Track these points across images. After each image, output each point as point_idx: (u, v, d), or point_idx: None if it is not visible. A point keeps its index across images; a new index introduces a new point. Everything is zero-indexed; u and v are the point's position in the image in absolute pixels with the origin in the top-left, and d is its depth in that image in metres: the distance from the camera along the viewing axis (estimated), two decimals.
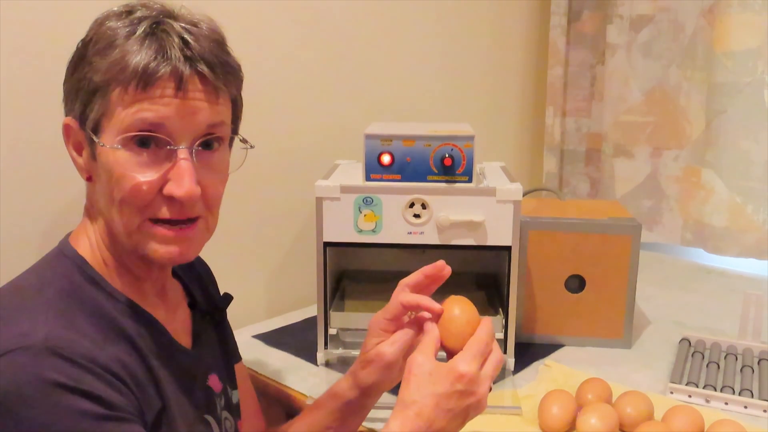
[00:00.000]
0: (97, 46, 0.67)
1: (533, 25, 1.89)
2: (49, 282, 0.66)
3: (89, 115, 0.67)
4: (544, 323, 1.21)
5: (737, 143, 1.55)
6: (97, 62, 0.66)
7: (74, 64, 0.69)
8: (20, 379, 0.57)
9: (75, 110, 0.69)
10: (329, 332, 1.11)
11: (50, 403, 0.57)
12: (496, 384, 1.05)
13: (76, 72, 0.68)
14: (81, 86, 0.67)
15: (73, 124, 0.69)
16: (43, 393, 0.57)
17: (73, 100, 0.69)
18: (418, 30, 1.57)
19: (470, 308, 0.80)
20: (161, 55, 0.65)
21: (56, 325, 0.61)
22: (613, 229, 1.17)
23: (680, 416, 0.91)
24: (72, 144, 0.71)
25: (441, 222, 1.03)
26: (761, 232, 1.55)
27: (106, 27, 0.67)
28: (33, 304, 0.63)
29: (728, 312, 1.33)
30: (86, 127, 0.68)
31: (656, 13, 1.66)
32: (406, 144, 1.03)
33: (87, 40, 0.69)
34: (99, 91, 0.66)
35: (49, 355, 0.58)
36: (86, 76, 0.67)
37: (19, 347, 0.58)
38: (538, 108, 1.94)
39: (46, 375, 0.57)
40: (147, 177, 0.67)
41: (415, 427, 0.68)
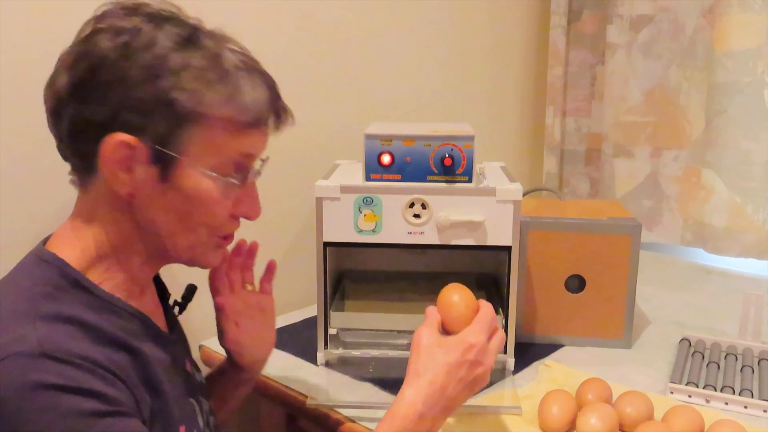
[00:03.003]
0: (200, 70, 0.66)
1: (533, 25, 1.89)
2: (32, 288, 0.65)
3: (172, 140, 0.66)
4: (544, 323, 1.21)
5: (737, 143, 1.55)
6: (206, 94, 0.66)
7: (138, 80, 0.64)
8: (18, 384, 0.57)
9: (147, 129, 0.65)
10: (329, 332, 1.11)
11: (50, 405, 0.57)
12: (496, 384, 1.05)
13: (159, 91, 0.65)
14: (170, 109, 0.65)
15: (135, 143, 0.65)
16: (43, 397, 0.57)
17: (147, 118, 0.65)
18: (418, 30, 1.57)
19: (468, 294, 0.85)
20: (272, 94, 0.71)
21: (48, 329, 0.61)
22: (613, 229, 1.17)
23: (680, 416, 0.91)
24: (119, 160, 0.66)
25: (441, 222, 1.03)
26: (761, 232, 1.55)
27: (205, 48, 0.67)
28: (22, 311, 0.62)
29: (728, 312, 1.33)
30: (167, 149, 0.66)
31: (656, 13, 1.66)
32: (406, 144, 1.03)
33: (173, 48, 0.66)
34: (199, 120, 0.66)
35: (45, 359, 0.58)
36: (182, 101, 0.65)
37: (14, 353, 0.58)
38: (538, 108, 1.94)
39: (44, 379, 0.57)
40: (229, 202, 0.72)
41: (428, 394, 0.72)
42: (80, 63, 0.66)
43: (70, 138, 0.68)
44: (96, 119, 0.65)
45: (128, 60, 0.64)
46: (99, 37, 0.66)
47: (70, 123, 0.67)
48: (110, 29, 0.66)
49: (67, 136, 0.68)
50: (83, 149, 0.67)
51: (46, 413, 0.57)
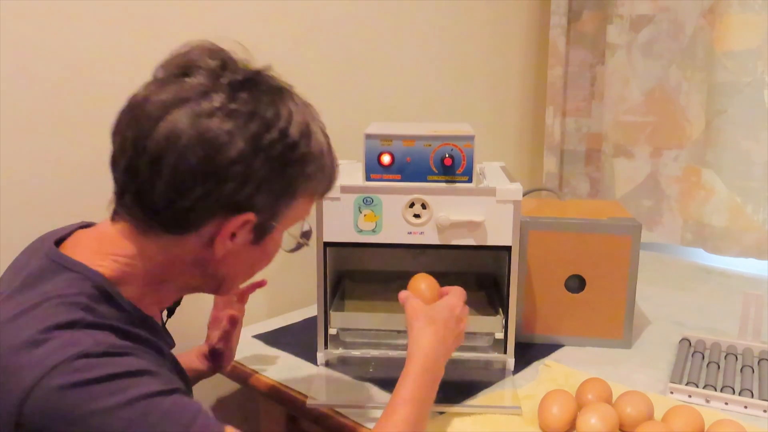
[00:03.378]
0: (314, 160, 0.74)
1: (533, 25, 1.89)
2: (70, 297, 0.66)
3: (277, 210, 0.73)
4: (544, 323, 1.21)
5: (737, 143, 1.55)
6: (316, 176, 0.75)
7: (281, 166, 0.70)
8: (83, 380, 0.59)
9: (268, 210, 0.72)
10: (329, 332, 1.11)
11: (118, 391, 0.60)
12: (495, 384, 1.05)
13: (288, 180, 0.72)
14: (289, 193, 0.73)
15: (253, 219, 0.71)
16: (109, 387, 0.59)
17: (272, 201, 0.72)
18: (418, 30, 1.57)
19: (434, 283, 1.00)
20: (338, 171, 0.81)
21: (95, 332, 0.63)
22: (613, 229, 1.17)
23: (680, 416, 0.91)
24: (230, 232, 0.71)
25: (441, 222, 1.03)
26: (761, 232, 1.55)
27: (316, 136, 0.74)
28: (65, 320, 0.63)
29: (728, 312, 1.33)
30: (274, 219, 0.73)
31: (656, 13, 1.66)
32: (406, 144, 1.03)
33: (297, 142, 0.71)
34: (299, 199, 0.75)
35: (103, 356, 0.61)
36: (298, 186, 0.73)
37: (75, 354, 0.60)
38: (538, 108, 1.94)
39: (107, 371, 0.60)
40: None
41: (436, 341, 0.89)
42: (218, 149, 0.67)
43: (188, 208, 0.68)
44: (231, 200, 0.69)
45: (263, 152, 0.69)
46: (232, 122, 0.67)
47: (199, 197, 0.67)
48: (238, 114, 0.68)
49: (187, 207, 0.68)
50: (196, 219, 0.69)
51: (116, 398, 0.59)
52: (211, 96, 0.67)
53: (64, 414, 0.58)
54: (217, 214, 0.69)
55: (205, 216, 0.69)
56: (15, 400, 0.58)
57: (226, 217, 0.69)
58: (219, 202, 0.68)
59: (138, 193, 0.68)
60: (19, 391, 0.58)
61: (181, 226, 0.70)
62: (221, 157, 0.66)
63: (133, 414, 0.59)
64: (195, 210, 0.68)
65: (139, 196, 0.68)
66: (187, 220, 0.69)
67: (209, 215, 0.69)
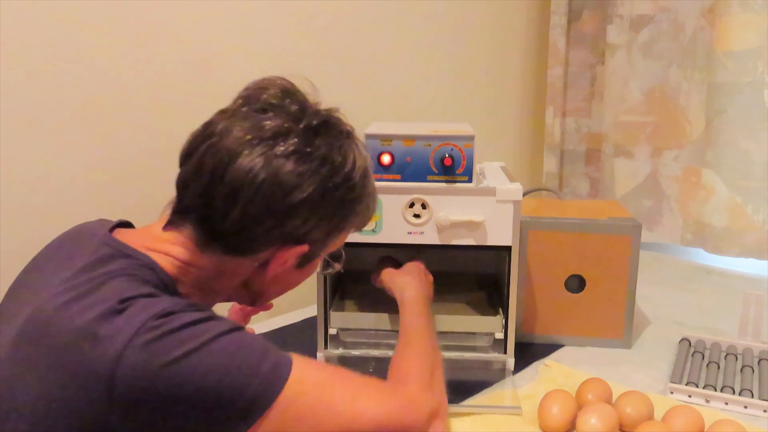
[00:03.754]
0: (366, 201, 0.81)
1: (533, 25, 1.89)
2: (140, 278, 0.71)
3: (327, 242, 0.80)
4: (544, 323, 1.21)
5: (737, 143, 1.55)
6: (364, 214, 0.82)
7: (340, 205, 0.77)
8: (167, 329, 0.64)
9: (320, 243, 0.78)
10: (329, 332, 1.11)
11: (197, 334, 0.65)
12: (496, 384, 1.05)
13: (340, 219, 0.78)
14: (339, 229, 0.79)
15: (307, 250, 0.77)
16: (189, 331, 0.65)
17: (324, 237, 0.78)
18: (418, 30, 1.57)
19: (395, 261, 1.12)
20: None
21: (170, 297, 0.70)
22: (613, 229, 1.17)
23: (680, 416, 0.91)
24: (285, 260, 0.77)
25: (441, 222, 1.03)
26: (761, 232, 1.55)
27: (370, 181, 0.81)
28: (140, 292, 0.68)
29: (728, 312, 1.33)
30: (322, 250, 0.81)
31: (656, 13, 1.67)
32: (406, 144, 1.03)
33: (355, 185, 0.77)
34: (348, 230, 0.82)
35: (182, 311, 0.67)
36: (349, 220, 0.80)
37: (155, 312, 0.65)
38: (538, 108, 1.94)
39: (187, 318, 0.66)
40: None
41: (419, 283, 1.03)
42: (288, 193, 0.72)
43: (253, 236, 0.74)
44: (294, 233, 0.75)
45: (328, 196, 0.75)
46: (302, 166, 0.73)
47: (266, 229, 0.73)
48: (308, 157, 0.73)
49: (253, 235, 0.73)
50: (257, 246, 0.75)
51: (194, 342, 0.64)
52: (289, 139, 0.73)
53: (153, 367, 0.62)
54: (277, 244, 0.75)
55: (266, 244, 0.75)
56: (107, 364, 0.61)
57: (284, 246, 0.76)
58: (282, 235, 0.74)
59: (208, 217, 0.73)
60: (111, 355, 0.62)
61: (241, 250, 0.75)
62: (291, 197, 0.72)
63: (214, 351, 0.65)
64: (258, 239, 0.74)
65: (209, 220, 0.73)
66: (250, 247, 0.75)
67: (270, 244, 0.75)
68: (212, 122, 0.75)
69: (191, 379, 0.63)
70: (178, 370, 0.63)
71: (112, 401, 0.62)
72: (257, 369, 0.66)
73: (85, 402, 0.62)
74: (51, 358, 0.64)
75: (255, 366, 0.66)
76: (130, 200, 1.12)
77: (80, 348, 0.63)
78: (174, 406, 0.63)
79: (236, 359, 0.66)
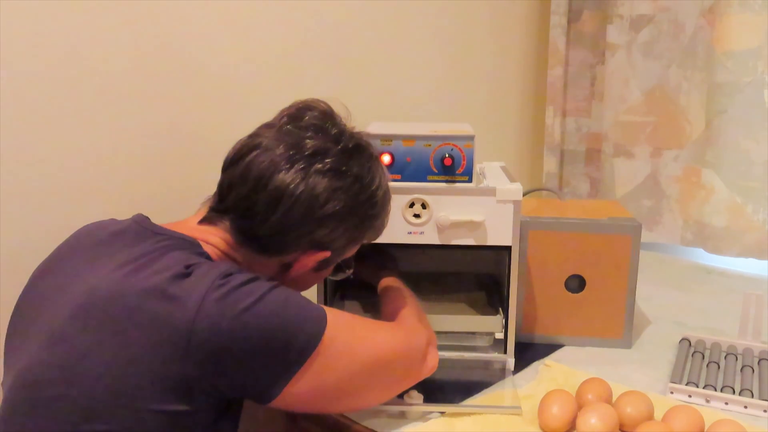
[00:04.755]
0: (384, 215, 0.93)
1: (533, 25, 1.89)
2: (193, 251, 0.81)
3: (346, 250, 0.91)
4: (544, 323, 1.21)
5: (737, 143, 1.55)
6: (379, 229, 0.94)
7: (363, 220, 0.88)
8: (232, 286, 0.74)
9: (340, 247, 0.89)
10: None
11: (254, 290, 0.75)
12: (495, 384, 1.05)
13: (358, 229, 0.89)
14: (358, 240, 0.91)
15: (329, 256, 0.88)
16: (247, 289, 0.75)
17: (344, 245, 0.89)
18: (418, 30, 1.57)
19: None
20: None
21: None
22: (613, 229, 1.17)
23: (680, 416, 0.91)
24: (308, 264, 0.88)
25: (441, 222, 1.03)
26: (761, 232, 1.55)
27: (389, 200, 0.92)
28: (199, 260, 0.78)
29: (728, 312, 1.33)
30: (340, 256, 0.92)
31: (656, 13, 1.66)
32: (406, 144, 1.03)
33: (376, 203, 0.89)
34: (361, 241, 0.92)
35: (238, 271, 0.77)
36: (368, 229, 0.91)
37: (220, 273, 0.75)
38: (538, 108, 1.94)
39: (245, 278, 0.76)
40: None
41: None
42: (319, 200, 0.83)
43: (284, 240, 0.84)
44: (320, 240, 0.85)
45: (355, 212, 0.86)
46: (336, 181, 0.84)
47: (297, 235, 0.84)
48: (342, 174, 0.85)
49: (284, 240, 0.84)
50: (286, 249, 0.85)
51: (254, 296, 0.74)
52: (326, 158, 0.83)
53: (226, 318, 0.71)
54: (304, 249, 0.86)
55: (296, 249, 0.85)
56: (186, 320, 0.70)
57: (310, 251, 0.86)
58: (310, 242, 0.85)
59: (248, 219, 0.83)
60: (188, 313, 0.70)
61: (273, 251, 0.85)
62: (325, 209, 0.83)
63: (271, 301, 0.75)
64: (290, 243, 0.84)
65: (249, 222, 0.83)
66: (280, 249, 0.85)
67: (298, 249, 0.85)
68: (258, 134, 0.85)
69: (256, 328, 0.72)
70: (245, 321, 0.72)
71: (188, 353, 0.69)
72: (306, 315, 0.77)
73: (162, 357, 0.69)
74: (123, 320, 0.70)
75: (304, 313, 0.77)
76: (129, 199, 1.12)
77: (156, 307, 0.71)
78: (242, 353, 0.72)
79: (289, 308, 0.76)
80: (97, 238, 0.83)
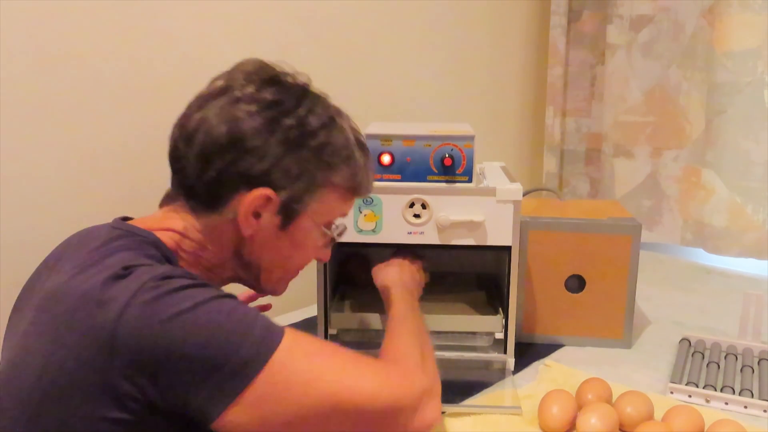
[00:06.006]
0: (336, 149, 0.80)
1: (533, 25, 1.89)
2: (143, 250, 0.75)
3: (304, 198, 0.79)
4: (544, 323, 1.21)
5: (737, 143, 1.55)
6: (340, 167, 0.81)
7: (299, 148, 0.77)
8: (165, 290, 0.67)
9: (288, 189, 0.78)
10: (329, 332, 1.11)
11: (189, 296, 0.68)
12: (495, 384, 1.05)
13: (304, 161, 0.78)
14: (309, 176, 0.79)
15: (274, 197, 0.77)
16: (181, 296, 0.68)
17: (290, 181, 0.78)
18: (418, 30, 1.57)
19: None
20: (372, 173, 0.88)
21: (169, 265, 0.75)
22: (613, 229, 1.17)
23: (680, 416, 0.91)
24: (255, 207, 0.77)
25: (441, 222, 1.03)
26: (761, 232, 1.55)
27: (340, 130, 0.81)
28: (144, 262, 0.72)
29: (728, 312, 1.33)
30: (296, 206, 0.79)
31: (656, 13, 1.67)
32: (406, 144, 1.03)
33: (317, 130, 0.78)
34: (328, 187, 0.81)
35: (180, 277, 0.70)
36: (319, 170, 0.79)
37: (156, 275, 0.69)
38: (538, 108, 1.94)
39: (180, 283, 0.68)
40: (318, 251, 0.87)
41: (400, 270, 1.05)
42: (238, 123, 0.76)
43: (214, 179, 0.76)
44: (250, 172, 0.76)
45: (280, 133, 0.76)
46: (254, 105, 0.76)
47: (221, 169, 0.76)
48: (262, 101, 0.77)
49: (212, 177, 0.76)
50: (222, 192, 0.77)
51: (188, 302, 0.67)
52: (244, 88, 0.77)
53: (151, 324, 0.65)
54: (240, 189, 0.76)
55: (229, 189, 0.77)
56: (109, 324, 0.65)
57: (247, 191, 0.76)
58: (239, 175, 0.76)
59: (179, 170, 0.79)
60: (112, 314, 0.65)
61: (211, 199, 0.78)
62: (240, 130, 0.75)
63: (209, 311, 0.67)
64: (219, 182, 0.76)
65: (179, 173, 0.79)
66: (216, 194, 0.77)
67: (232, 189, 0.77)
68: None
69: (186, 336, 0.65)
70: (174, 327, 0.65)
71: (113, 359, 0.64)
72: (250, 331, 0.68)
73: (90, 362, 0.65)
74: (61, 321, 0.67)
75: (248, 329, 0.68)
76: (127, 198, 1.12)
77: (87, 310, 0.66)
78: (169, 363, 0.65)
79: (231, 321, 0.68)
80: (69, 242, 0.82)
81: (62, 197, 1.05)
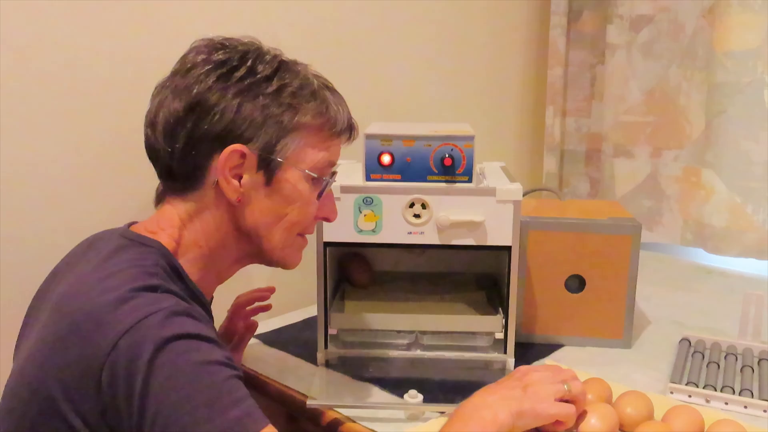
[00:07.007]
0: (295, 89, 0.79)
1: (533, 25, 1.89)
2: (145, 265, 0.74)
3: (277, 147, 0.79)
4: (544, 323, 1.21)
5: (737, 143, 1.55)
6: (303, 106, 0.80)
7: (255, 96, 0.77)
8: (162, 334, 0.65)
9: (258, 140, 0.78)
10: (329, 332, 1.11)
11: (191, 349, 0.66)
12: None
13: (264, 107, 0.77)
14: (274, 121, 0.78)
15: (246, 151, 0.77)
16: (183, 344, 0.66)
17: (257, 130, 0.77)
18: (418, 30, 1.57)
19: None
20: (348, 111, 0.87)
21: (171, 297, 0.71)
22: (613, 229, 1.17)
23: (680, 416, 0.91)
24: (232, 168, 0.78)
25: (441, 222, 1.03)
26: (761, 232, 1.55)
27: (295, 73, 0.81)
28: (150, 284, 0.71)
29: (728, 312, 1.33)
30: (273, 156, 0.79)
31: (656, 13, 1.66)
32: (406, 144, 1.03)
33: (269, 75, 0.78)
34: (300, 130, 0.80)
35: (183, 316, 0.68)
36: (283, 114, 0.79)
37: (155, 310, 0.67)
38: (538, 108, 1.94)
39: (184, 330, 0.67)
40: (317, 203, 0.85)
41: (483, 393, 0.86)
42: (191, 88, 0.77)
43: (184, 151, 0.77)
44: (215, 131, 0.76)
45: (233, 86, 0.77)
46: (205, 67, 0.78)
47: (187, 137, 0.77)
48: (212, 62, 0.78)
49: (181, 149, 0.77)
50: (196, 161, 0.78)
51: (186, 357, 0.65)
52: (195, 57, 0.79)
53: (142, 361, 0.64)
54: (212, 153, 0.77)
55: (202, 155, 0.77)
56: (105, 348, 0.65)
57: (219, 149, 0.77)
58: (205, 137, 0.77)
59: (155, 159, 0.80)
60: (110, 339, 0.65)
61: (189, 173, 0.78)
62: (195, 93, 0.76)
63: (194, 375, 0.65)
64: (190, 151, 0.77)
65: (156, 161, 0.80)
66: (192, 165, 0.78)
67: (205, 154, 0.77)
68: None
69: (158, 393, 0.63)
70: (157, 376, 0.64)
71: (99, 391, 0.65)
72: (224, 411, 0.64)
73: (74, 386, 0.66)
74: (62, 327, 0.68)
75: (224, 407, 0.64)
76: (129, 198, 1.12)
77: (86, 331, 0.67)
78: (135, 409, 0.64)
79: (211, 392, 0.65)
80: (79, 248, 0.84)
81: (62, 197, 1.05)
